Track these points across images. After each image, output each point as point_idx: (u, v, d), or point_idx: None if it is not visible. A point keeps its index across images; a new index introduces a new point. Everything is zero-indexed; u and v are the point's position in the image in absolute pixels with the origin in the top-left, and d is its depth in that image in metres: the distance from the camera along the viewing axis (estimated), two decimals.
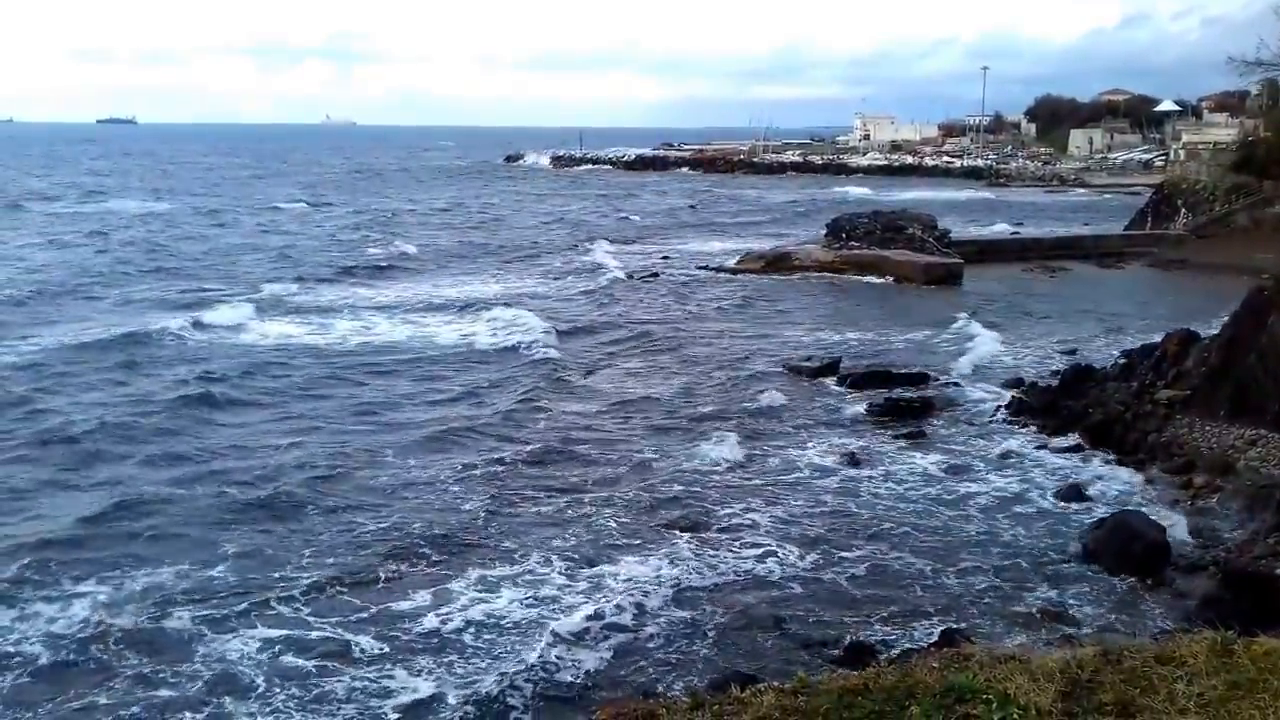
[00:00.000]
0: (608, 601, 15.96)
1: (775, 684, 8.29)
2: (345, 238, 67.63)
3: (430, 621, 15.37)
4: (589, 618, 15.43)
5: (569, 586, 16.59)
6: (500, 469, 22.09)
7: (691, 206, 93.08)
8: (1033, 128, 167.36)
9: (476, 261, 56.93)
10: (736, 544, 18.27)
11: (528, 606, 15.87)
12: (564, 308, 42.41)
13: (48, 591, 16.01)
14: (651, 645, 14.74)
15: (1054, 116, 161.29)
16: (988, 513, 19.83)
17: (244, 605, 15.65)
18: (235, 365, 31.01)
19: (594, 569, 17.19)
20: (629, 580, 16.72)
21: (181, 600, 15.77)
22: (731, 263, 54.14)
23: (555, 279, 50.38)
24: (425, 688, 13.65)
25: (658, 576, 16.86)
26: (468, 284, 48.73)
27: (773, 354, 33.19)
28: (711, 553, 17.87)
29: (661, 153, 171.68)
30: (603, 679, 13.82)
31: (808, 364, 31.20)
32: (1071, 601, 16.03)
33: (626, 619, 15.44)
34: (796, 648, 14.57)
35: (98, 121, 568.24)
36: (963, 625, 14.89)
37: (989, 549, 18.07)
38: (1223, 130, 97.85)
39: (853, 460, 22.68)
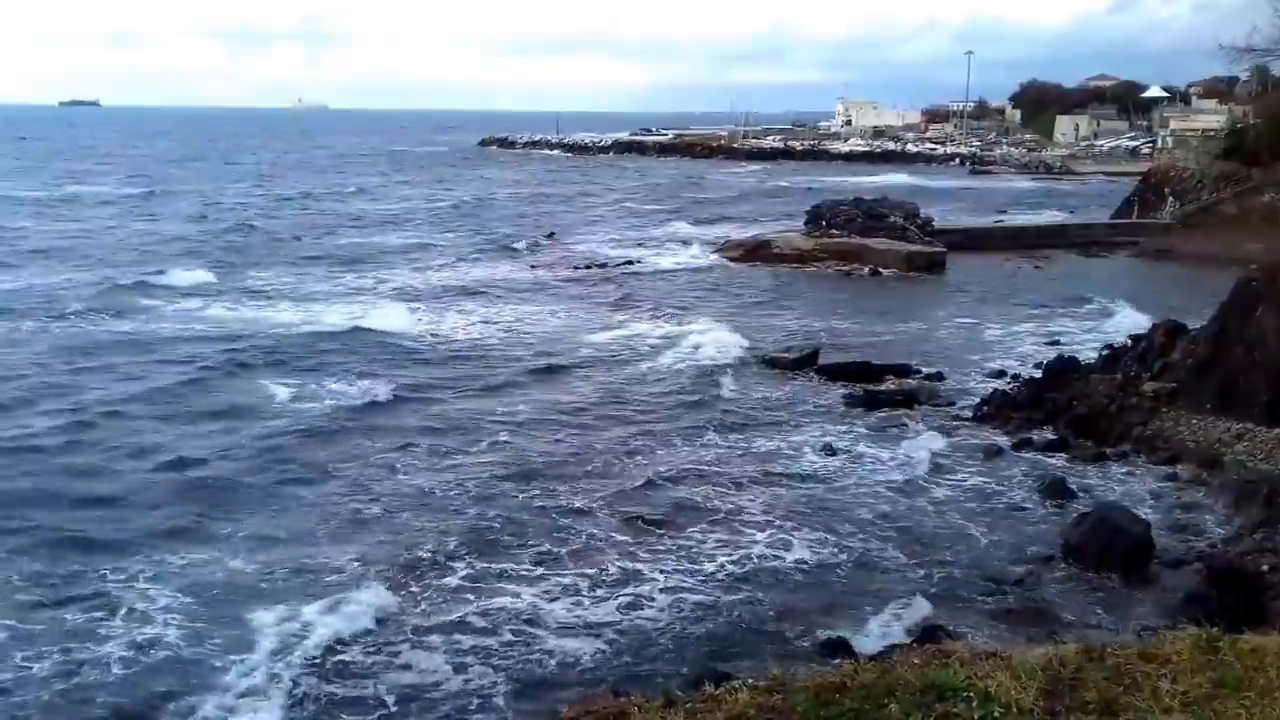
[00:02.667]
0: (576, 596, 15.83)
1: (750, 681, 8.14)
2: (459, 225, 67.54)
3: (430, 610, 15.39)
4: (558, 610, 15.32)
5: (544, 580, 16.40)
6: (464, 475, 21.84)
7: (751, 196, 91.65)
8: (1018, 114, 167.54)
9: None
10: (707, 539, 18.04)
11: (506, 598, 15.70)
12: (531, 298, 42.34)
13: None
14: (623, 640, 14.56)
15: (1040, 103, 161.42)
16: (968, 507, 19.64)
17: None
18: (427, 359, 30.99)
19: (568, 564, 17.03)
20: (597, 574, 16.56)
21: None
22: (710, 250, 54.01)
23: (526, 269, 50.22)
24: (415, 673, 13.69)
25: (628, 571, 16.69)
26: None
27: (751, 344, 32.95)
28: (682, 547, 17.65)
29: (639, 138, 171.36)
30: (572, 675, 13.63)
31: (785, 355, 30.95)
32: (1053, 598, 15.87)
33: (595, 614, 15.27)
34: (772, 643, 14.38)
35: (60, 104, 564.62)
36: (943, 622, 14.72)
37: (969, 544, 17.90)
38: (1211, 117, 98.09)
39: (830, 453, 22.50)
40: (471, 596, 15.77)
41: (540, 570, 16.73)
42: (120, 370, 28.75)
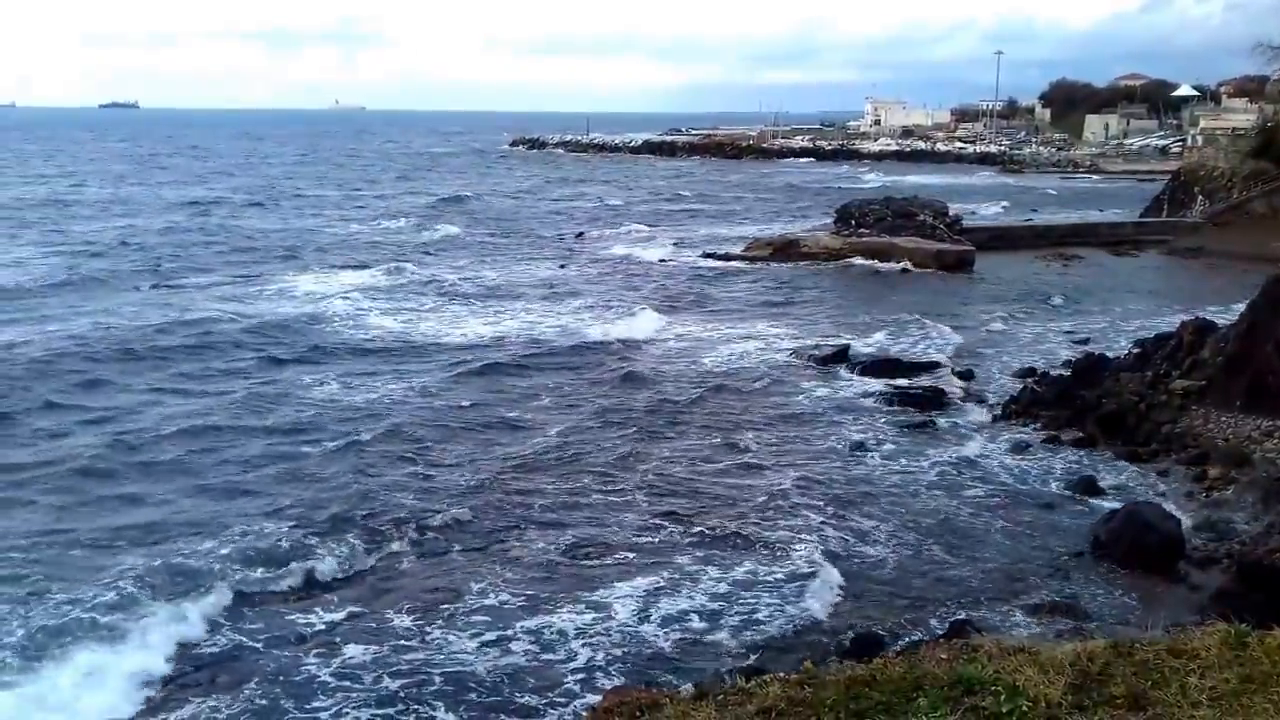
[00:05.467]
0: (607, 591, 15.96)
1: (781, 674, 8.19)
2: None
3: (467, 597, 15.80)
4: (587, 606, 15.45)
5: (571, 574, 16.62)
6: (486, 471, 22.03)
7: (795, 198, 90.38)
8: (1047, 113, 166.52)
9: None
10: (737, 533, 18.16)
11: (522, 594, 15.90)
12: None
13: None
14: (654, 633, 14.67)
15: (1069, 102, 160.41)
16: (997, 504, 19.69)
17: None
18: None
19: (595, 557, 17.24)
20: (629, 568, 16.73)
21: None
22: (738, 249, 53.92)
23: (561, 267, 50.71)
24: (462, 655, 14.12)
25: (659, 565, 16.82)
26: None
27: (780, 342, 33.11)
28: (712, 541, 17.80)
29: (669, 138, 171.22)
30: (605, 668, 13.78)
31: (816, 351, 31.09)
32: (1082, 594, 15.92)
33: (625, 608, 15.39)
34: (803, 637, 14.51)
35: (100, 106, 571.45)
36: (972, 617, 14.78)
37: (999, 540, 17.97)
38: (1241, 116, 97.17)
39: (860, 450, 22.57)
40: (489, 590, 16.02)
41: (571, 561, 17.01)
42: (415, 375, 28.85)
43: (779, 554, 17.25)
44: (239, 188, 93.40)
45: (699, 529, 18.33)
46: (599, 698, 10.12)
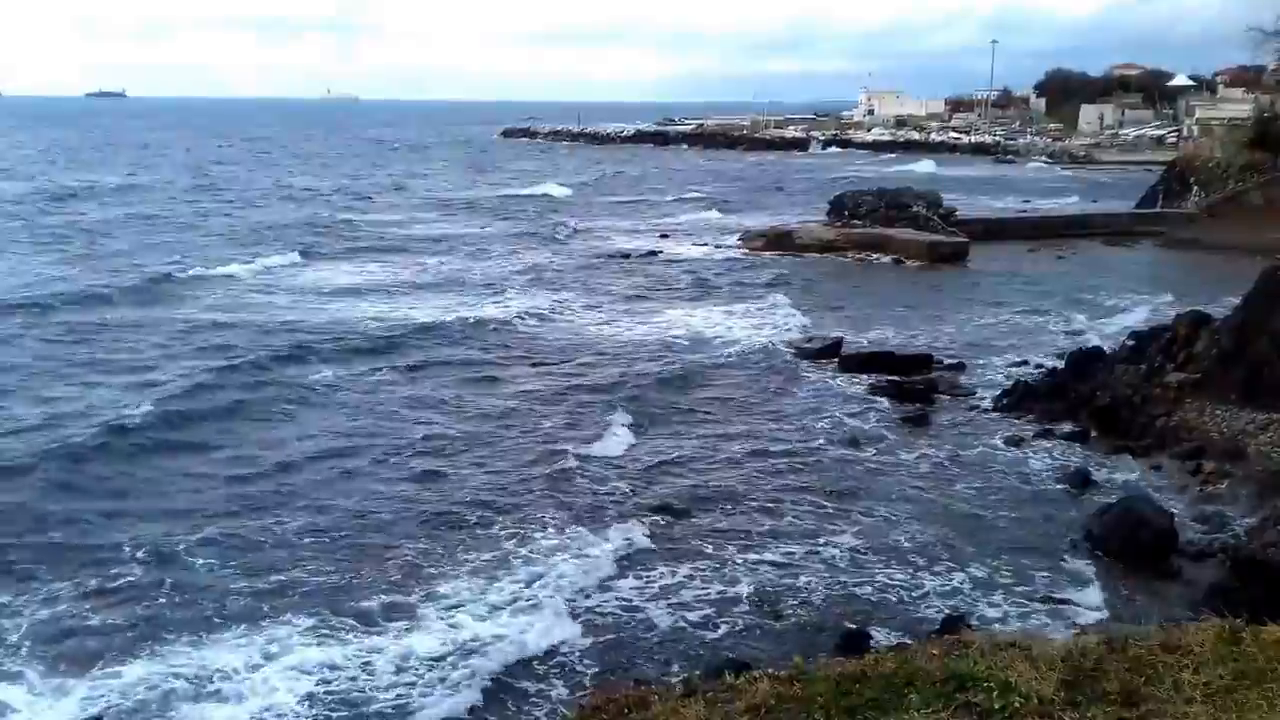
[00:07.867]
0: (598, 585, 15.92)
1: (770, 671, 8.13)
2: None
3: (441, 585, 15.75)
4: (578, 601, 15.39)
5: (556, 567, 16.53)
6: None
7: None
8: (1042, 103, 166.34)
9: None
10: (729, 527, 18.11)
11: (520, 587, 15.82)
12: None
13: None
14: (643, 630, 14.64)
15: (1064, 92, 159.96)
16: (991, 498, 19.63)
17: None
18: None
19: (587, 548, 17.11)
20: (617, 561, 16.68)
21: None
22: (731, 240, 53.92)
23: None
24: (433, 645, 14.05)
25: (647, 559, 16.82)
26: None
27: (773, 334, 33.04)
28: (707, 538, 17.71)
29: (661, 128, 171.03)
30: (594, 664, 13.71)
31: (809, 345, 30.97)
32: (1076, 588, 15.85)
33: (615, 603, 15.36)
34: (793, 634, 14.43)
35: (86, 95, 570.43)
36: (963, 611, 14.75)
37: (992, 534, 17.89)
38: (1237, 106, 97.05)
39: (853, 443, 22.50)
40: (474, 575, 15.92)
41: (565, 555, 16.92)
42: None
43: (771, 550, 17.17)
44: (341, 178, 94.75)
45: (692, 523, 18.28)
46: (589, 693, 10.11)
